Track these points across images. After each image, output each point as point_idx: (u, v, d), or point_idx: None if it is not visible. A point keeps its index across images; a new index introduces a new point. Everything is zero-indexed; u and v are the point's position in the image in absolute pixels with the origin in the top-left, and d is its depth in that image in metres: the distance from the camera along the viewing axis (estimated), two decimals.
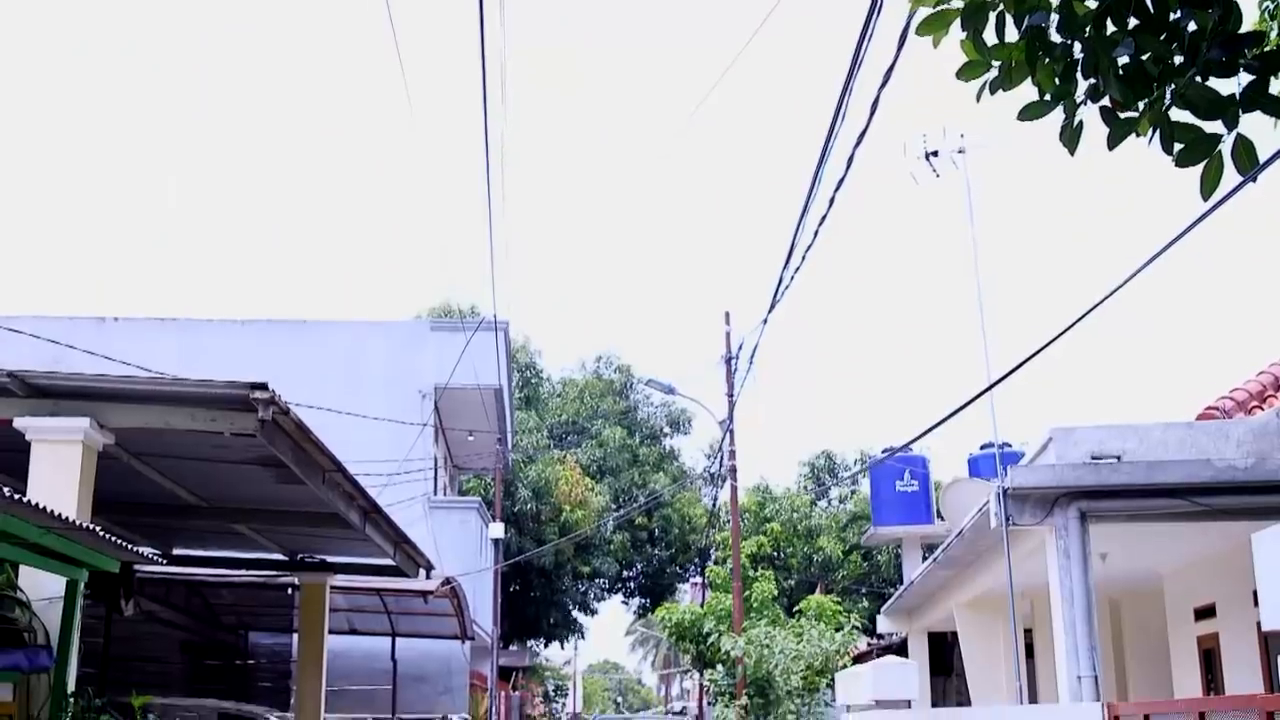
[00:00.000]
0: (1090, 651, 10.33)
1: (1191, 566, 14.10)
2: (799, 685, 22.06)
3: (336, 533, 13.28)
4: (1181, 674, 14.55)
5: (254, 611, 20.41)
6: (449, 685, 24.92)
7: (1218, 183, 4.19)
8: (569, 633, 42.43)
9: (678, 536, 40.69)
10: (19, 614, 7.39)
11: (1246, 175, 4.24)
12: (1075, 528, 10.58)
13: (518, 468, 35.91)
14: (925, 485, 27.70)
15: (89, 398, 8.63)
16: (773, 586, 26.84)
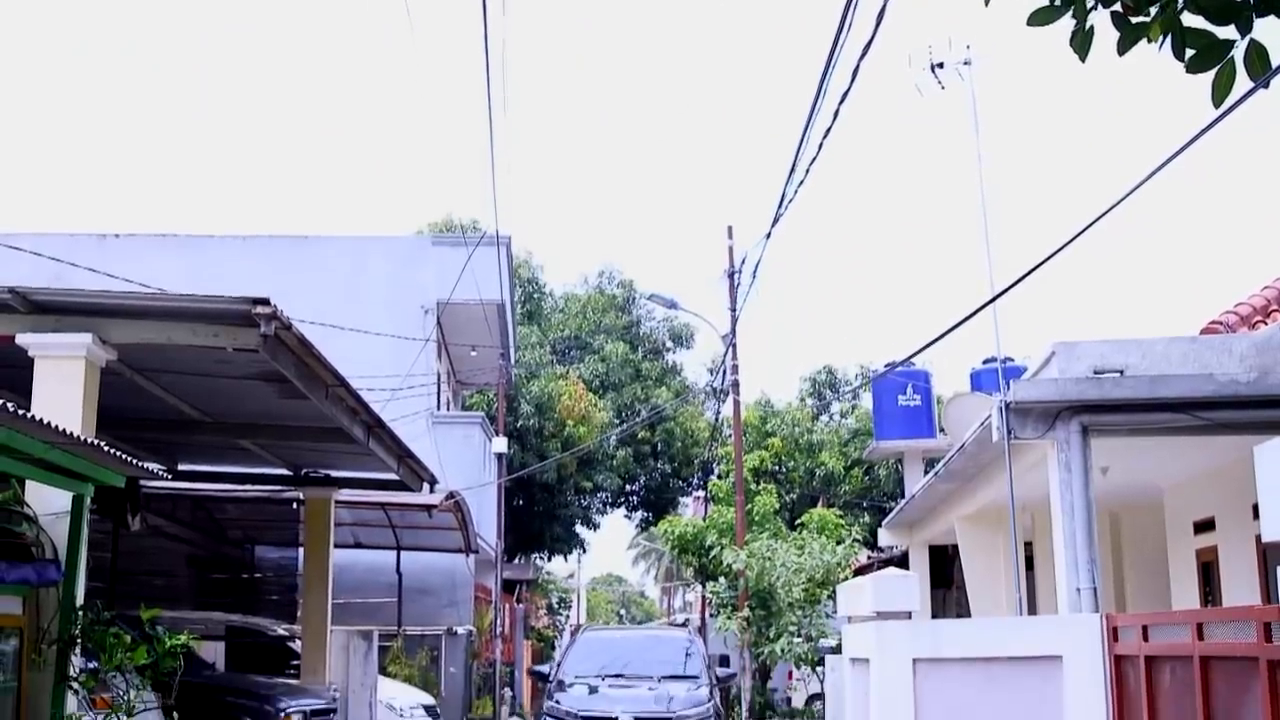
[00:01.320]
0: (1089, 564, 10.40)
1: (1191, 480, 14.16)
2: (800, 597, 22.24)
3: (340, 448, 13.34)
4: (1180, 587, 14.67)
5: (259, 526, 20.57)
6: (453, 598, 25.18)
7: (1229, 90, 4.13)
8: (572, 547, 42.71)
9: (680, 451, 40.82)
10: (26, 529, 7.44)
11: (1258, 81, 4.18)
12: (1076, 442, 10.60)
13: (520, 383, 35.97)
14: (927, 400, 27.73)
15: (91, 314, 8.62)
16: (774, 500, 26.97)
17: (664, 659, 16.52)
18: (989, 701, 8.55)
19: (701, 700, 15.08)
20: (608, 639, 19.19)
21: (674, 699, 14.95)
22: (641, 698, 15.09)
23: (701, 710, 14.88)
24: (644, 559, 76.26)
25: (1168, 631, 7.57)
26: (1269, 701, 6.12)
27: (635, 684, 15.62)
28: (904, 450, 28.28)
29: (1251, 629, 6.37)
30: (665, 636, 21.07)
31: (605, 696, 15.28)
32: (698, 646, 17.36)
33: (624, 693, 15.35)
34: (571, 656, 17.11)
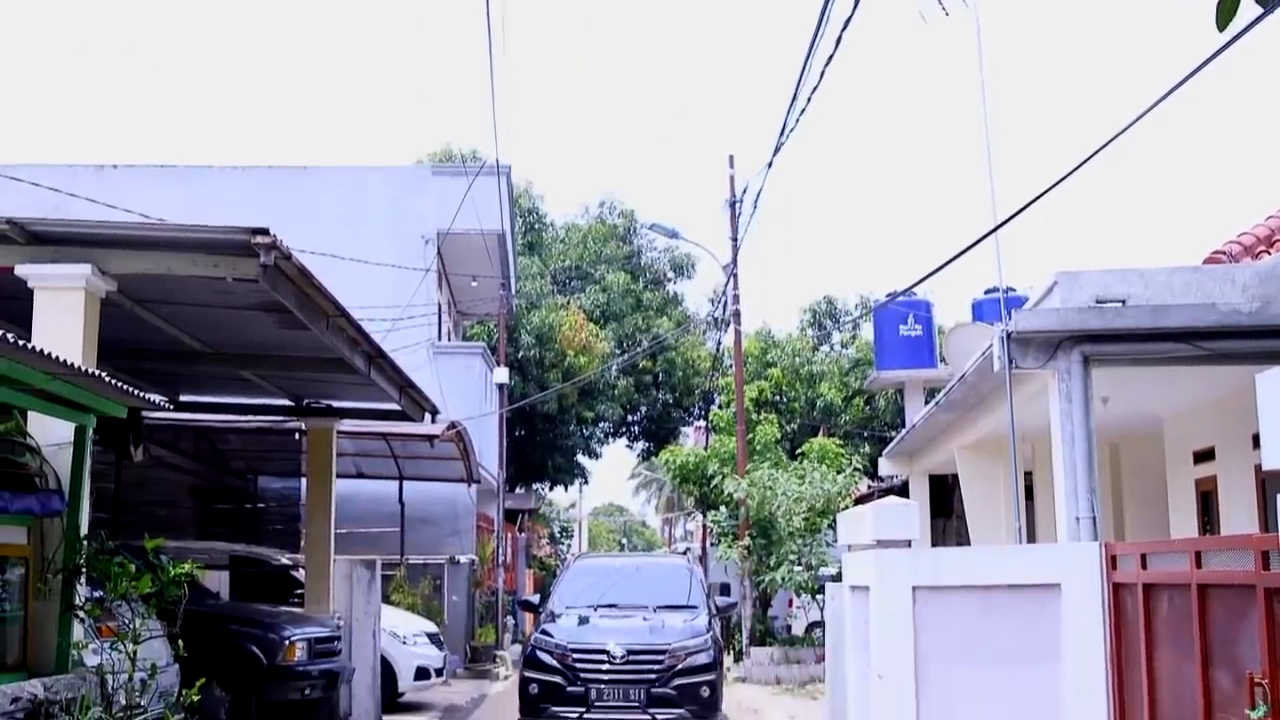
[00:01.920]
0: (1089, 493, 10.44)
1: (1192, 411, 14.18)
2: (801, 526, 22.39)
3: (342, 378, 13.33)
4: (1178, 516, 14.74)
5: (262, 457, 20.63)
6: (456, 528, 25.34)
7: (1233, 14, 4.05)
8: (573, 477, 42.91)
9: (681, 380, 40.87)
10: (29, 459, 7.46)
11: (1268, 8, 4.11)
12: (1078, 371, 10.59)
13: (521, 313, 35.94)
14: (928, 330, 27.72)
15: (90, 244, 8.58)
16: (775, 430, 27.07)
17: (661, 588, 15.57)
18: (988, 628, 8.61)
19: (699, 631, 14.16)
20: (602, 567, 18.14)
21: (670, 630, 14.07)
22: (636, 629, 14.17)
23: (699, 641, 13.94)
24: (645, 489, 76.64)
25: (1166, 560, 7.60)
26: (1265, 628, 6.16)
27: (630, 614, 14.67)
28: (905, 380, 28.31)
29: (1249, 557, 6.40)
30: (662, 564, 19.83)
31: (597, 628, 14.33)
32: (696, 574, 16.30)
33: (617, 624, 14.40)
34: (563, 586, 16.14)
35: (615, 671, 13.46)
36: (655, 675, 13.43)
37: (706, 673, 13.64)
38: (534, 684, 13.73)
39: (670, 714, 13.34)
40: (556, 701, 13.52)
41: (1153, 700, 7.62)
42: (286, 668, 13.17)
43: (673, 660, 13.52)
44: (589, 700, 13.41)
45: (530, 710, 13.73)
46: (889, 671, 8.80)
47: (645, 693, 13.37)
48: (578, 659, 13.64)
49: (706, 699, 13.52)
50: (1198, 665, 6.92)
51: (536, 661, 13.95)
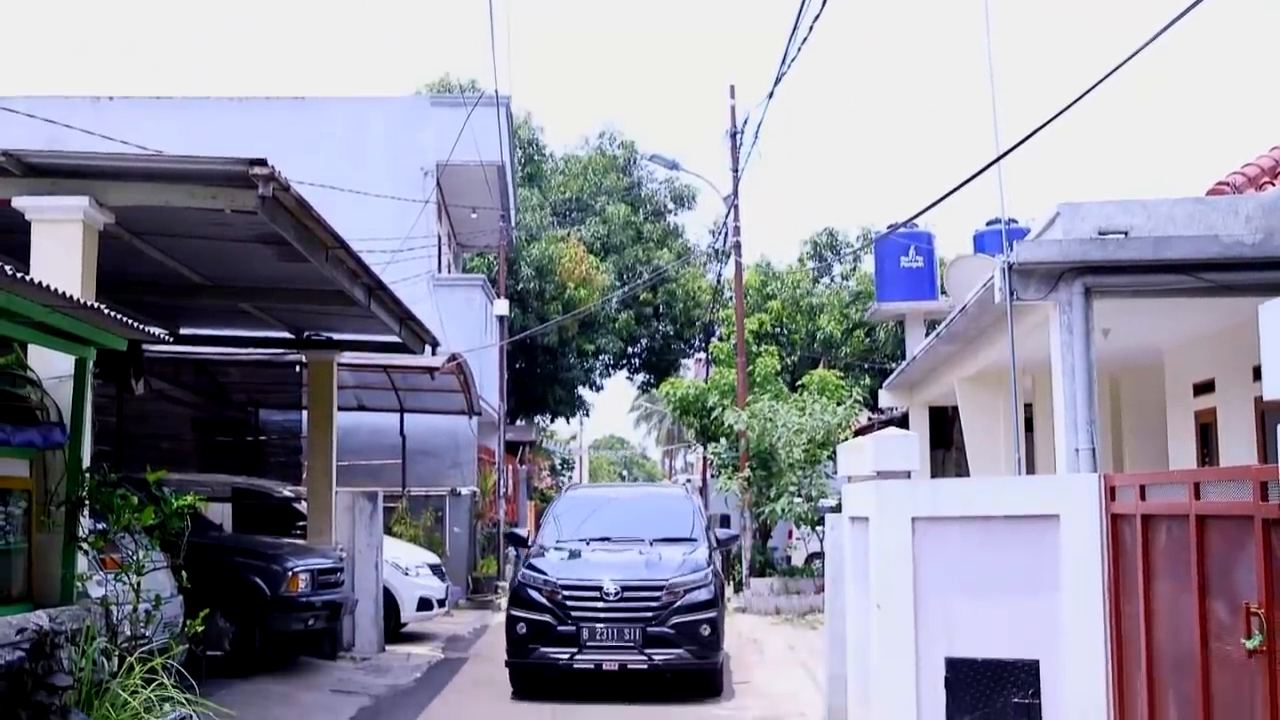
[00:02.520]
0: (1089, 425, 10.45)
1: (1193, 343, 14.17)
2: (801, 458, 22.49)
3: (342, 310, 13.33)
4: (1177, 449, 14.77)
5: (262, 389, 20.66)
6: (457, 460, 25.42)
7: None
8: (574, 409, 42.99)
9: (681, 312, 40.84)
10: (30, 392, 7.46)
11: None
12: (1079, 303, 10.56)
13: (521, 245, 35.83)
14: (930, 261, 27.64)
15: (87, 176, 8.54)
16: (776, 362, 27.08)
17: (657, 520, 14.52)
18: (986, 559, 8.65)
19: (699, 565, 13.09)
20: (594, 498, 16.63)
21: (668, 564, 13.04)
22: (631, 563, 13.15)
23: (699, 576, 12.91)
24: (645, 421, 76.83)
25: (1165, 491, 7.62)
26: (1262, 558, 6.18)
27: (624, 548, 13.65)
28: (905, 312, 28.26)
29: (1248, 488, 6.41)
30: (659, 494, 18.68)
31: (588, 562, 13.30)
32: (696, 505, 15.34)
33: (611, 558, 13.41)
34: (553, 518, 14.96)
35: (609, 609, 12.52)
36: (652, 613, 12.50)
37: (707, 610, 12.68)
38: (521, 623, 12.76)
39: (668, 655, 12.45)
40: (546, 642, 12.56)
41: (1150, 630, 7.67)
42: (290, 599, 13.28)
43: (670, 597, 12.58)
44: (581, 640, 12.48)
45: (518, 651, 12.79)
46: (888, 602, 8.86)
47: (641, 632, 12.44)
48: (568, 596, 12.67)
49: (707, 638, 12.59)
50: (1195, 595, 6.96)
51: (524, 599, 12.94)
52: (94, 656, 6.80)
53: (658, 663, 12.41)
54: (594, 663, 12.42)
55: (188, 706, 7.11)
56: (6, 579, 7.20)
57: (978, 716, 8.53)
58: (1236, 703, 6.55)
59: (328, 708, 12.09)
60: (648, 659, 12.38)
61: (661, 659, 12.40)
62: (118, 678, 6.81)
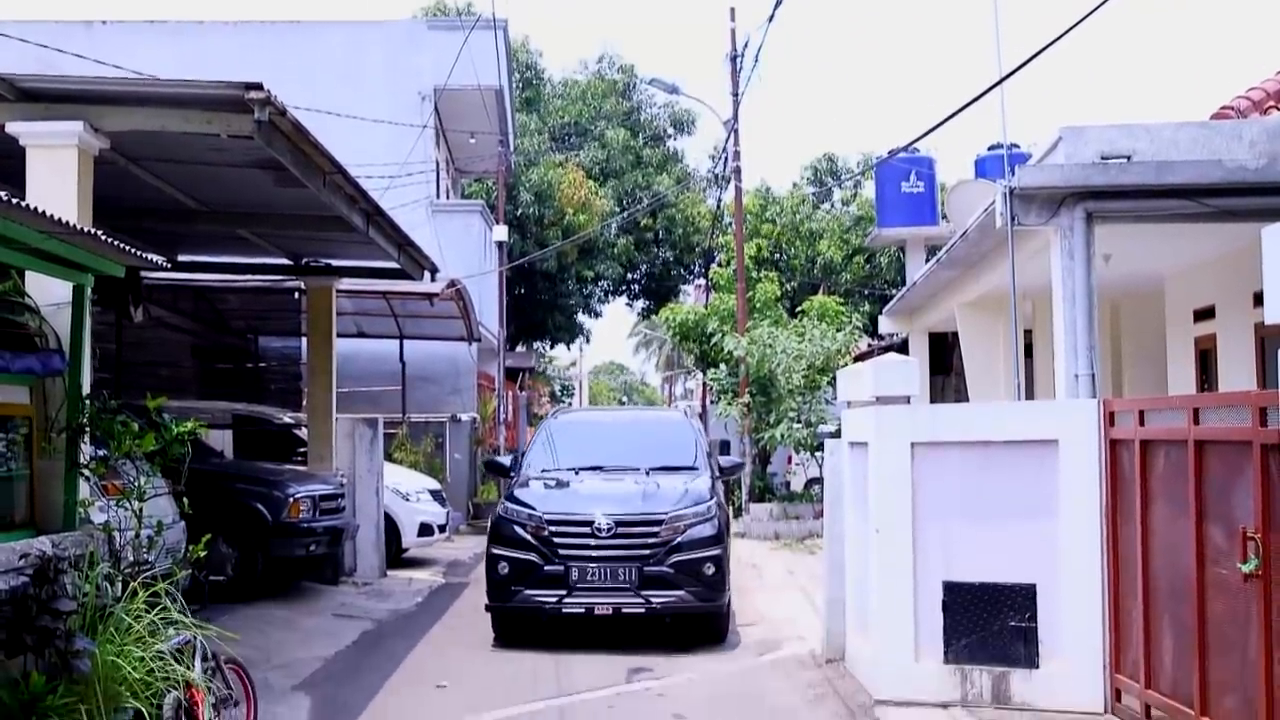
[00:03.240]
0: (1089, 351, 10.46)
1: (1194, 269, 14.14)
2: (800, 384, 22.51)
3: (340, 236, 13.28)
4: (1177, 374, 14.80)
5: (261, 316, 20.66)
6: (456, 386, 25.47)
7: None
8: (574, 335, 42.99)
9: (681, 238, 40.71)
10: (28, 319, 7.44)
11: None
12: (1081, 228, 10.54)
13: (519, 171, 35.64)
14: (931, 187, 27.52)
15: (81, 100, 8.46)
16: (776, 288, 27.04)
17: (655, 447, 13.22)
18: (985, 484, 8.69)
19: (701, 497, 11.77)
20: (584, 423, 15.29)
21: (667, 496, 11.73)
22: (626, 495, 11.82)
23: (702, 509, 11.57)
24: (645, 348, 76.86)
25: (1164, 416, 7.64)
26: (1260, 483, 6.22)
27: (618, 478, 12.41)
28: (906, 238, 28.19)
29: (1247, 414, 6.44)
30: (656, 419, 16.88)
31: (578, 494, 12.05)
32: (696, 430, 13.83)
33: (603, 488, 12.13)
34: (539, 446, 13.50)
35: (602, 547, 11.22)
36: (649, 551, 11.19)
37: (710, 546, 11.35)
38: (503, 562, 11.38)
39: (668, 597, 11.13)
40: (531, 583, 11.22)
41: (1147, 554, 7.72)
42: (291, 524, 13.36)
43: (670, 532, 11.28)
44: (570, 582, 11.15)
45: (500, 594, 11.43)
46: (887, 526, 8.91)
47: (637, 572, 11.14)
48: (556, 532, 11.32)
49: (711, 578, 11.26)
50: (1192, 520, 7.00)
51: (506, 535, 11.55)
52: (97, 582, 6.83)
53: (656, 606, 11.12)
54: (585, 606, 11.12)
55: (191, 630, 7.16)
56: (9, 505, 7.22)
57: (975, 639, 8.61)
58: (1232, 625, 6.61)
59: (330, 632, 12.20)
60: (645, 602, 11.09)
61: (660, 602, 11.11)
62: (121, 602, 6.85)
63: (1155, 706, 7.59)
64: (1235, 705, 6.59)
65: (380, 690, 9.71)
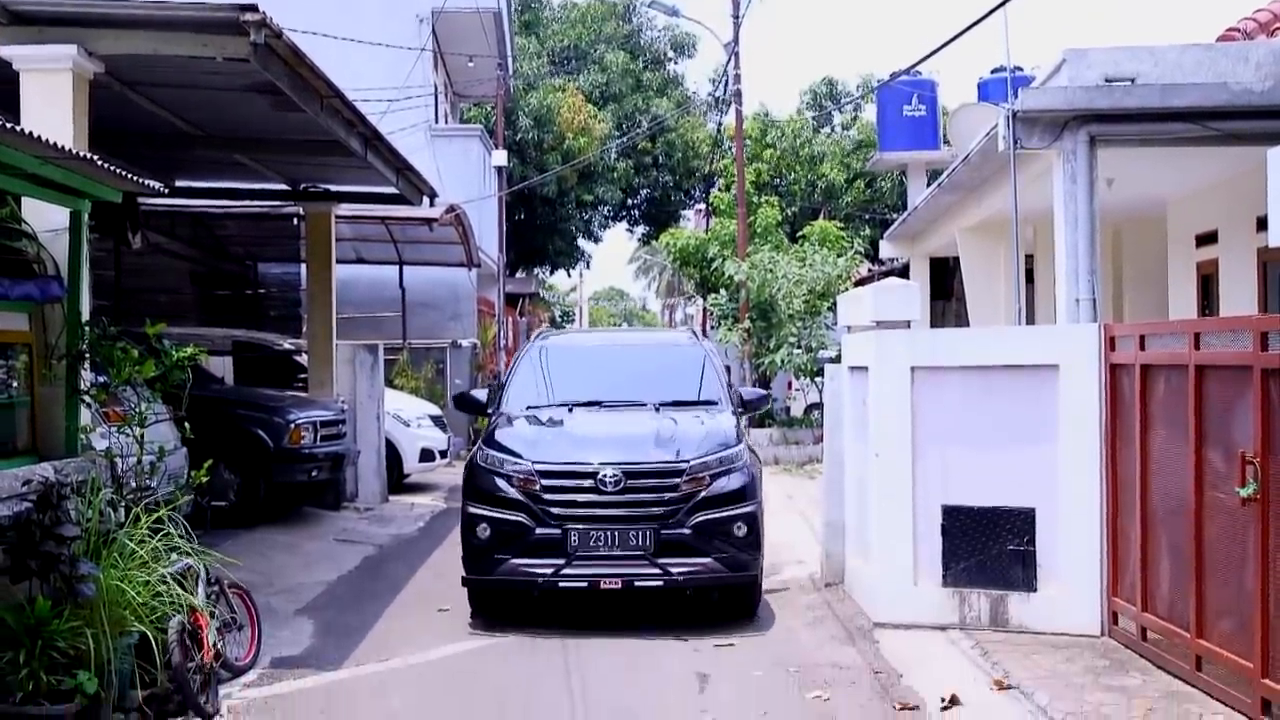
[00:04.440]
0: (1090, 275, 10.43)
1: (1197, 193, 14.07)
2: (801, 309, 22.52)
3: (338, 161, 13.21)
4: (1178, 300, 14.77)
5: (260, 242, 20.59)
6: (456, 312, 25.45)
7: None
8: (574, 260, 42.93)
9: (681, 162, 40.51)
10: (26, 245, 7.42)
11: None
12: (1084, 152, 10.47)
13: (518, 95, 35.38)
14: (933, 110, 27.31)
15: (74, 24, 8.35)
16: (776, 213, 26.96)
17: (664, 377, 10.89)
18: (985, 408, 8.71)
19: (727, 438, 9.53)
20: (579, 348, 12.40)
21: (686, 439, 9.41)
22: (635, 438, 9.52)
23: (730, 455, 9.35)
24: (645, 274, 76.74)
25: (1165, 341, 7.63)
26: (1260, 408, 6.22)
27: (623, 416, 10.18)
28: (907, 162, 28.03)
29: (1248, 338, 6.43)
30: (661, 343, 13.14)
31: (574, 438, 9.68)
32: (711, 356, 11.27)
33: (606, 429, 9.88)
34: (523, 375, 11.04)
35: (607, 504, 9.01)
36: (666, 509, 9.00)
37: (741, 502, 9.19)
38: (482, 524, 9.16)
39: (690, 567, 8.94)
40: (519, 551, 8.99)
41: (1145, 478, 7.75)
42: (293, 450, 13.41)
43: (692, 485, 9.08)
44: (568, 549, 8.92)
45: (479, 564, 9.20)
46: (886, 450, 8.94)
47: (653, 536, 8.93)
48: (550, 486, 9.08)
49: (743, 540, 9.10)
50: (1191, 445, 7.02)
51: (485, 489, 9.34)
52: (100, 508, 6.87)
53: (676, 578, 8.91)
54: (588, 579, 8.91)
55: (194, 556, 7.21)
56: (11, 432, 7.24)
57: (973, 563, 8.67)
58: (1229, 549, 6.65)
59: (332, 556, 12.29)
60: (663, 573, 8.90)
61: (681, 572, 8.90)
62: (124, 528, 6.90)
63: (1151, 629, 7.65)
64: (1230, 628, 6.65)
65: (383, 614, 9.79)
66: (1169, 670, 7.32)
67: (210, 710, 6.87)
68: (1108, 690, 7.05)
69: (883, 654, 8.27)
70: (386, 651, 8.53)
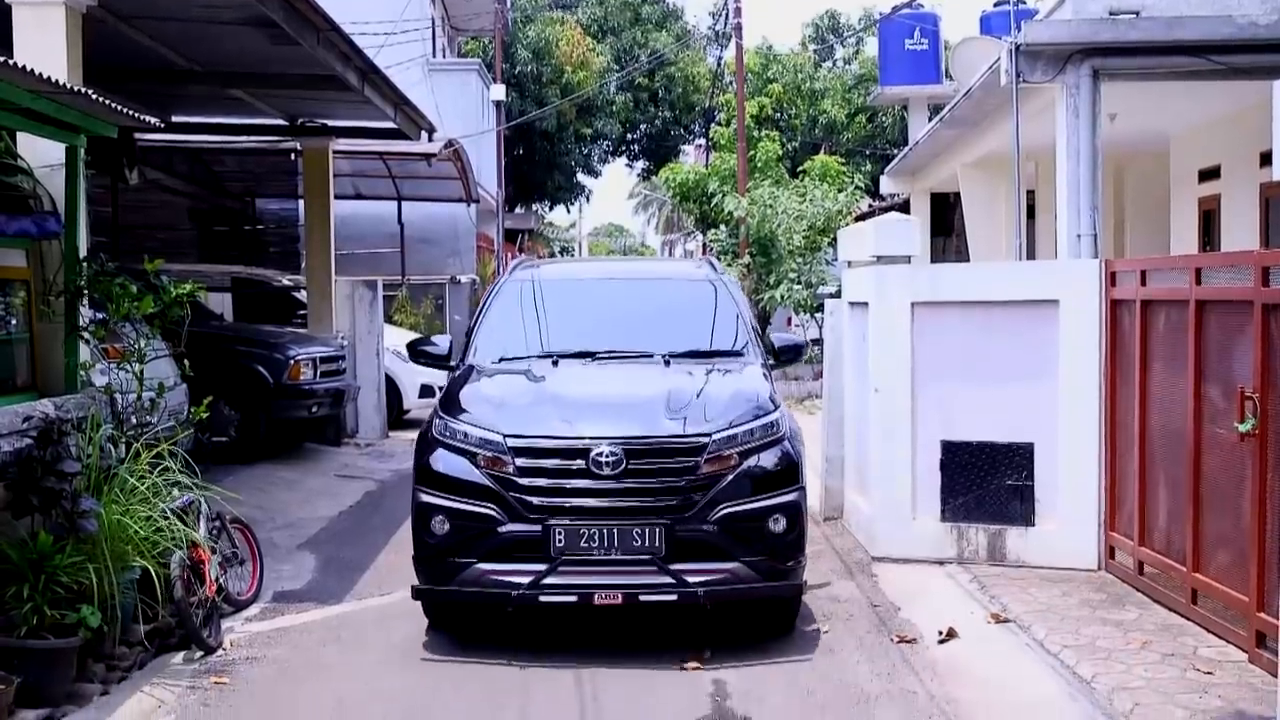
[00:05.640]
0: (1091, 211, 10.40)
1: (1200, 128, 13.99)
2: (801, 245, 22.44)
3: (335, 96, 13.13)
4: (1179, 236, 14.74)
5: (258, 178, 20.50)
6: (456, 247, 25.39)
7: None
8: (573, 196, 42.78)
9: (681, 97, 40.25)
10: (22, 181, 7.37)
11: None
12: (1087, 86, 10.40)
13: (517, 28, 35.09)
14: (935, 44, 27.07)
15: None
16: (777, 148, 26.79)
17: (674, 321, 8.60)
18: (985, 344, 8.70)
19: (760, 402, 7.28)
20: (565, 286, 9.29)
21: (707, 402, 7.22)
22: (637, 403, 7.28)
23: (764, 424, 7.10)
24: (644, 209, 76.39)
25: (1166, 277, 7.61)
26: (1260, 343, 6.21)
27: (622, 371, 7.92)
28: (909, 96, 27.82)
29: (1249, 273, 6.40)
30: (671, 276, 10.07)
31: (560, 401, 7.33)
32: (733, 291, 9.01)
33: (602, 390, 7.61)
34: (496, 318, 8.71)
35: (603, 493, 6.77)
36: (681, 498, 6.77)
37: (782, 487, 7.00)
38: (439, 516, 6.87)
39: (714, 574, 6.75)
40: (487, 554, 6.78)
41: (1144, 414, 7.76)
42: (293, 386, 13.41)
43: (717, 465, 6.86)
44: (552, 550, 6.69)
45: (434, 569, 6.95)
46: (886, 386, 8.95)
47: (664, 534, 6.70)
48: (527, 467, 6.83)
49: (784, 537, 6.90)
50: (1190, 380, 7.02)
51: (442, 473, 7.04)
52: (101, 444, 6.88)
53: (695, 589, 6.66)
54: (578, 592, 6.68)
55: (195, 491, 7.24)
56: (10, 369, 7.24)
57: (972, 498, 8.71)
58: (1226, 484, 6.67)
59: (333, 492, 12.34)
60: (676, 583, 6.67)
61: (701, 582, 6.68)
62: (125, 464, 6.92)
63: (1148, 563, 7.70)
64: (1226, 562, 6.69)
65: (384, 548, 9.85)
66: (1165, 604, 7.37)
67: (213, 643, 6.93)
68: (1104, 623, 7.10)
69: (881, 588, 8.33)
70: (388, 585, 8.59)
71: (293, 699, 6.30)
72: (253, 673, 6.68)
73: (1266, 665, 6.07)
